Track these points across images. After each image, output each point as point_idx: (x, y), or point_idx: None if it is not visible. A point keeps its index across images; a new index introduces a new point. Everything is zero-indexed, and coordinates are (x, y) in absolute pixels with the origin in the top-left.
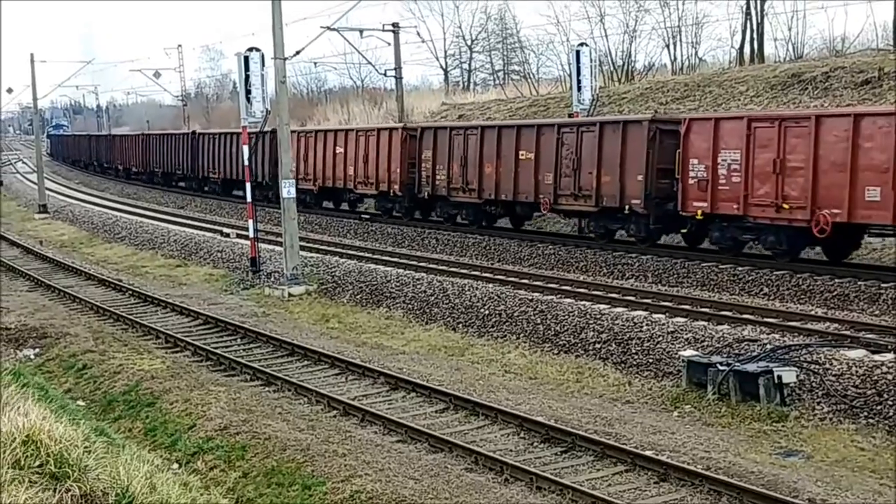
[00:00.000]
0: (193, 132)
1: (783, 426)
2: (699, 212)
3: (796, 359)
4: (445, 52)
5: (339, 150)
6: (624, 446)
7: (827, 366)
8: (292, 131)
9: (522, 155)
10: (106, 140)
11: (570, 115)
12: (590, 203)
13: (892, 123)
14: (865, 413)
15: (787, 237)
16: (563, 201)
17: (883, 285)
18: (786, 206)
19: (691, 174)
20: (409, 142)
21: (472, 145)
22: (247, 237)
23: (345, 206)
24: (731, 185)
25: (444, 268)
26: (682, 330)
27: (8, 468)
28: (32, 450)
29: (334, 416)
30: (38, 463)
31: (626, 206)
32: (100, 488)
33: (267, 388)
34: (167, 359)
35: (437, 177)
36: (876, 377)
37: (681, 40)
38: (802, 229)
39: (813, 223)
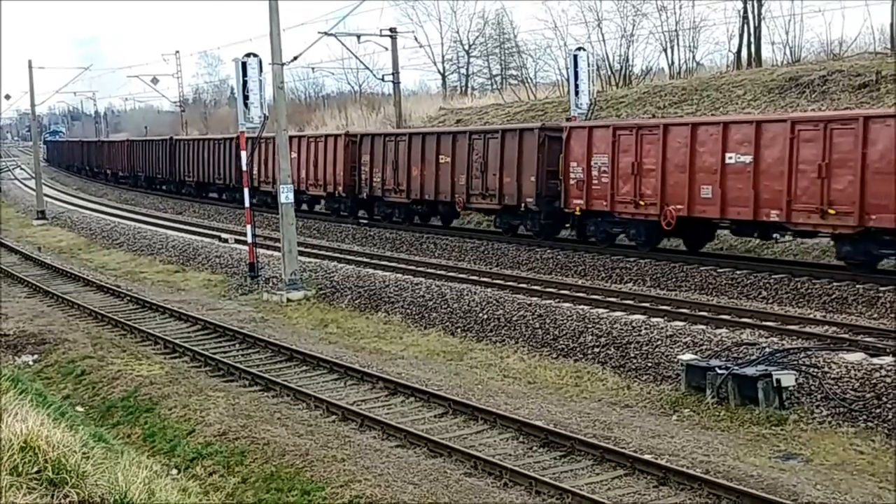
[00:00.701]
0: (171, 138)
1: (782, 430)
2: (577, 209)
3: (795, 362)
4: (443, 56)
5: (294, 154)
6: (623, 450)
7: (826, 369)
8: (256, 138)
9: (442, 159)
10: (95, 146)
11: (567, 120)
12: (494, 202)
13: (719, 131)
14: (864, 416)
15: (645, 230)
16: (474, 200)
17: (881, 288)
18: (642, 202)
19: (571, 176)
20: (351, 147)
21: (402, 151)
22: (245, 242)
23: (304, 207)
24: (601, 185)
25: (442, 272)
26: (680, 334)
27: (6, 474)
28: (30, 456)
29: (333, 422)
30: (35, 469)
31: (523, 204)
32: (98, 494)
33: (266, 394)
34: (166, 364)
35: (374, 179)
36: (875, 380)
37: (678, 44)
38: (656, 223)
39: (662, 217)
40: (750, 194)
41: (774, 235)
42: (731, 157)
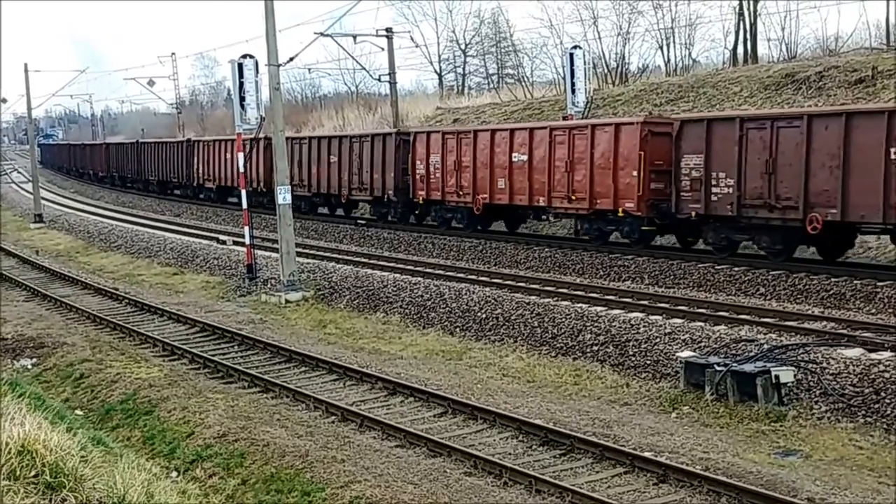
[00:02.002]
0: (136, 142)
1: (781, 426)
2: (421, 198)
3: (794, 358)
4: (440, 56)
5: (228, 155)
6: (623, 448)
7: (824, 365)
8: (201, 141)
9: (332, 159)
10: (80, 149)
11: (564, 118)
12: (368, 194)
13: (508, 136)
14: (863, 412)
15: (465, 215)
16: (355, 193)
17: (879, 284)
18: (462, 192)
19: (417, 172)
20: (268, 149)
21: (305, 152)
22: (243, 244)
23: (235, 200)
24: (436, 179)
25: (440, 272)
26: (679, 331)
27: (3, 479)
28: (28, 460)
29: (333, 422)
30: (33, 473)
31: (386, 196)
32: (96, 498)
33: (265, 395)
34: (165, 367)
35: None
36: (873, 376)
37: (674, 42)
38: (471, 209)
39: (474, 205)
40: (527, 185)
41: (543, 217)
42: (515, 157)
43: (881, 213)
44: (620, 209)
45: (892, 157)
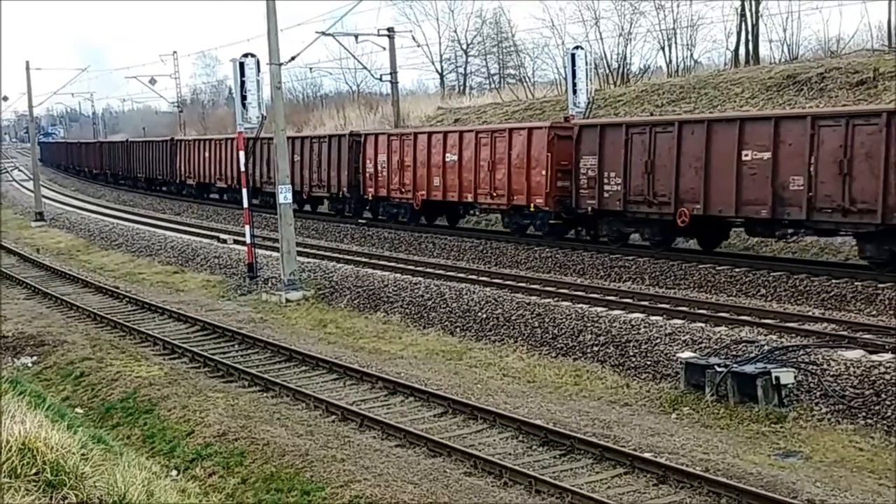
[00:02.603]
0: (126, 141)
1: (781, 427)
2: (370, 195)
3: (794, 360)
4: (441, 56)
5: (207, 154)
6: (623, 449)
7: (825, 366)
8: (183, 140)
9: (296, 158)
10: (76, 147)
11: (565, 119)
12: (326, 191)
13: (442, 138)
14: (864, 413)
15: (407, 210)
16: (315, 190)
17: (880, 285)
18: (403, 189)
19: (367, 171)
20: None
21: (273, 151)
22: (244, 243)
23: (215, 196)
24: (384, 177)
25: (441, 272)
26: (679, 332)
27: (4, 476)
28: (29, 458)
29: (333, 422)
30: (34, 471)
31: (341, 192)
32: (96, 496)
33: (265, 394)
34: (165, 365)
35: (256, 174)
36: (874, 377)
37: (676, 42)
38: (412, 205)
39: (414, 201)
40: (457, 183)
41: (471, 212)
42: (448, 157)
43: (734, 208)
44: (532, 205)
45: (744, 159)
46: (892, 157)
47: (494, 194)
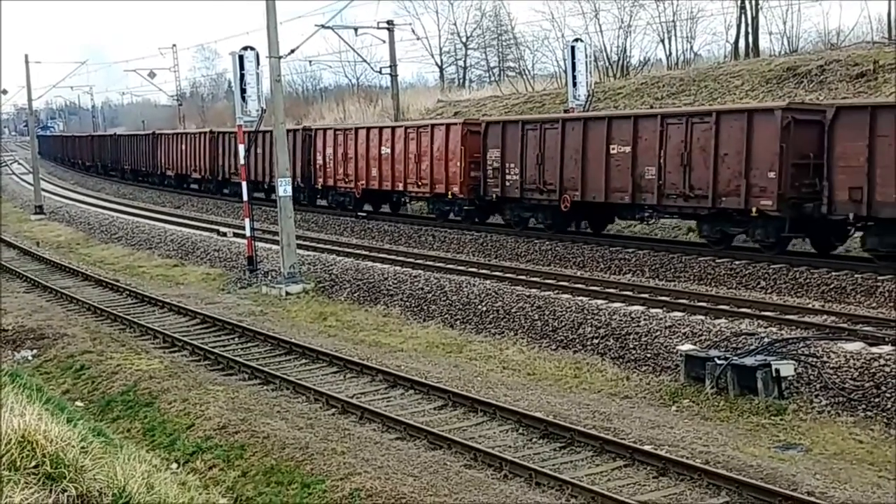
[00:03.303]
0: (114, 134)
1: (781, 419)
2: (320, 184)
3: (794, 352)
4: (441, 49)
5: (183, 147)
6: (623, 441)
7: (824, 359)
8: (163, 134)
9: (259, 151)
10: (71, 140)
11: (565, 111)
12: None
13: (366, 134)
14: (863, 406)
15: (351, 199)
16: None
17: (879, 278)
18: (347, 180)
19: (318, 161)
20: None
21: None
22: (243, 236)
23: (194, 187)
24: (332, 168)
25: (440, 265)
26: (679, 324)
27: (3, 469)
28: (28, 451)
29: (333, 415)
30: (33, 464)
31: (297, 183)
32: (96, 488)
33: (265, 387)
34: (165, 359)
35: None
36: (874, 369)
37: (676, 35)
38: (353, 193)
39: (355, 189)
40: (391, 173)
41: (403, 200)
42: (383, 150)
43: (604, 194)
44: (450, 192)
45: (612, 152)
46: (720, 151)
47: (420, 184)
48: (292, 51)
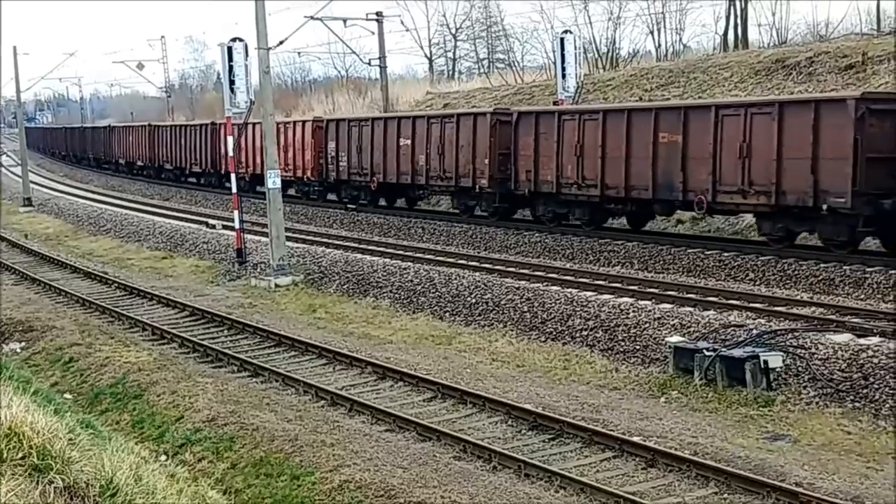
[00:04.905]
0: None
1: (770, 411)
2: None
3: (782, 344)
4: (430, 40)
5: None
6: (611, 433)
7: (813, 350)
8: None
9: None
10: (51, 132)
11: (554, 103)
12: (292, 175)
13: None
14: (851, 397)
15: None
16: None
17: (867, 270)
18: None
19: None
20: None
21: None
22: (232, 228)
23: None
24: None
25: (430, 257)
26: (668, 316)
27: None
28: (15, 442)
29: (322, 407)
30: (20, 455)
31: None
32: (83, 480)
33: (254, 380)
34: (154, 351)
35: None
36: (861, 361)
37: (665, 27)
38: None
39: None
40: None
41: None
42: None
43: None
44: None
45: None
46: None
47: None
48: (281, 42)
